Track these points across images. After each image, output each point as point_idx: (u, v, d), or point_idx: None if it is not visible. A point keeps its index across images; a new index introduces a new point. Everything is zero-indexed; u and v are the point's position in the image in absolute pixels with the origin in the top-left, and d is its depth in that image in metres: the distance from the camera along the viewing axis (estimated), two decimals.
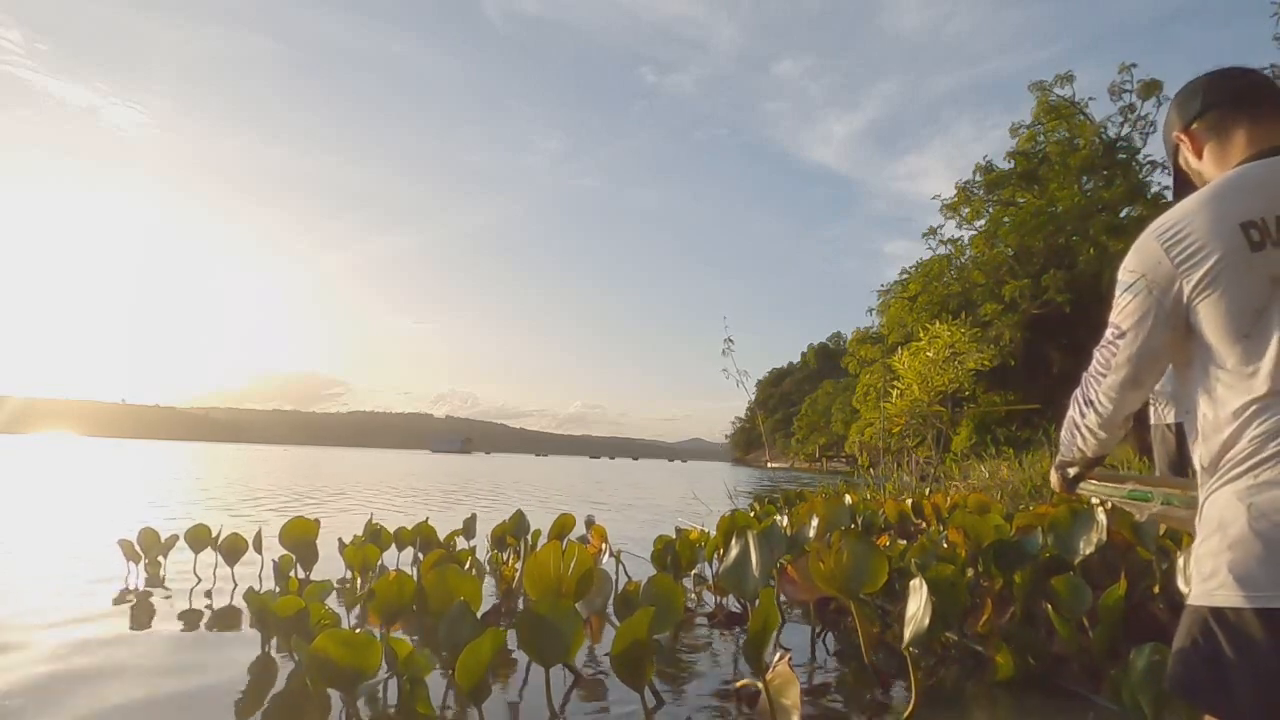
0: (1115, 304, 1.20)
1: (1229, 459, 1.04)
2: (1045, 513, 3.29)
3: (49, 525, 7.53)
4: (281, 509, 9.53)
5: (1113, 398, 1.24)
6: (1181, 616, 1.07)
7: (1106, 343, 1.22)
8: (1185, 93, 1.32)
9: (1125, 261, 1.19)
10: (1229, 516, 1.01)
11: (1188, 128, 1.28)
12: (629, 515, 10.59)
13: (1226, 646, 0.97)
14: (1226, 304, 1.06)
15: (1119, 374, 1.21)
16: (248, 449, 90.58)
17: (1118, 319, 1.19)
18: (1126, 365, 1.19)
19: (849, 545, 2.63)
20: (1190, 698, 1.05)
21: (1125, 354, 1.18)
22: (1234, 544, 0.99)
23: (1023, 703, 2.52)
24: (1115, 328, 1.20)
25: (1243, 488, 1.01)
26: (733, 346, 7.31)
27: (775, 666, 2.23)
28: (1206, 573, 1.02)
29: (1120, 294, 1.18)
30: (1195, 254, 1.08)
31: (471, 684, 2.07)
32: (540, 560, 2.72)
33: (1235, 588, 0.97)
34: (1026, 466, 6.28)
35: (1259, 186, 1.09)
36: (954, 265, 31.05)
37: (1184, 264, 1.09)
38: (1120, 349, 1.19)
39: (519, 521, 4.79)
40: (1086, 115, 28.55)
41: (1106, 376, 1.23)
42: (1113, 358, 1.21)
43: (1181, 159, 1.33)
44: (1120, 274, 1.19)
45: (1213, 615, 1.00)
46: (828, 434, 67.56)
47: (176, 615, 3.71)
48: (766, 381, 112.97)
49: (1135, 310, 1.16)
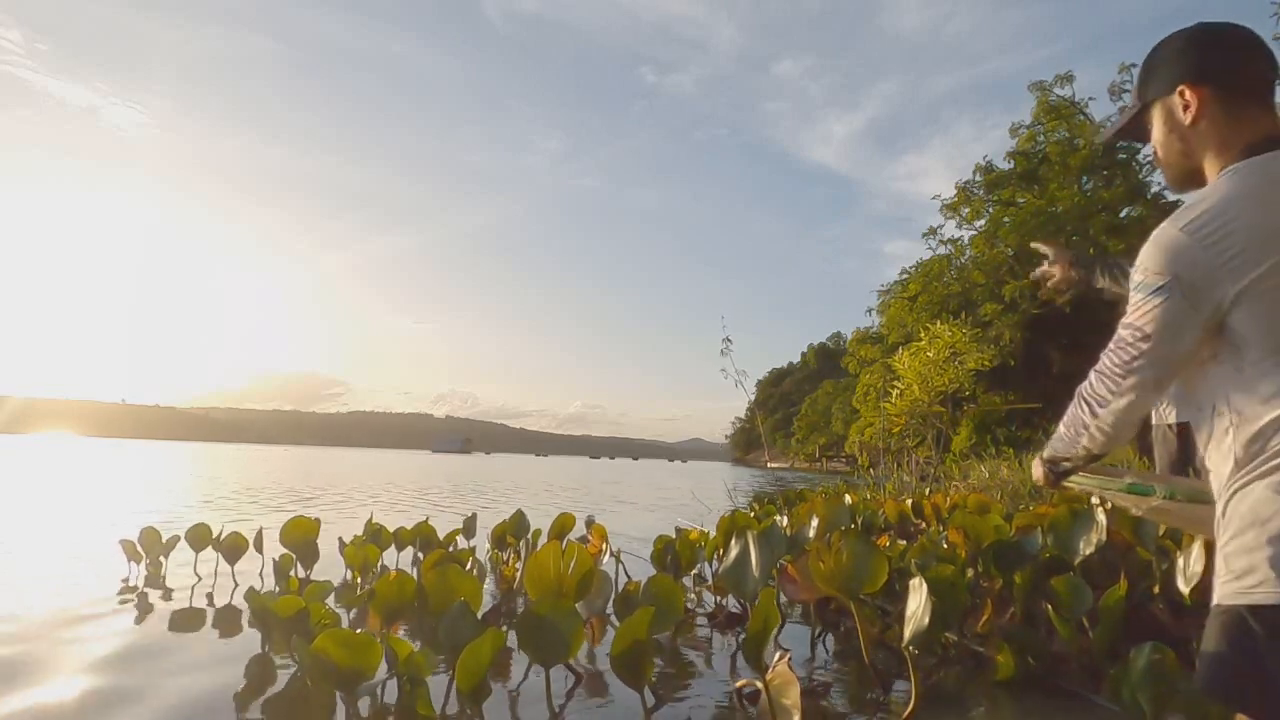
0: (1136, 305, 1.12)
1: (1266, 451, 0.99)
2: (1045, 513, 3.29)
3: (49, 525, 7.54)
4: (281, 509, 9.53)
5: (1130, 401, 1.16)
6: (1210, 617, 1.03)
7: (1125, 344, 1.14)
8: (1208, 43, 1.16)
9: (1147, 261, 1.10)
10: (1267, 512, 0.96)
11: (1199, 83, 1.14)
12: (663, 515, 10.56)
13: (1268, 646, 0.93)
14: (1274, 304, 1.00)
15: (1140, 376, 1.14)
16: (248, 449, 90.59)
17: (1140, 322, 1.11)
18: (1150, 369, 1.12)
19: (849, 545, 2.63)
20: (1230, 701, 1.00)
21: (1150, 358, 1.11)
22: (1274, 539, 0.94)
23: (1023, 703, 2.52)
24: (1136, 330, 1.12)
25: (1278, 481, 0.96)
26: (731, 346, 7.31)
27: (775, 666, 2.23)
28: (1240, 569, 0.98)
29: (1145, 296, 1.10)
30: (1241, 253, 1.01)
31: (471, 684, 2.07)
32: (540, 560, 2.72)
33: (1277, 584, 0.92)
34: (1026, 466, 6.27)
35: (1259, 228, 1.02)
36: (954, 265, 31.06)
37: (1229, 266, 1.01)
38: (1145, 352, 1.11)
39: (519, 521, 4.79)
40: (1086, 115, 28.55)
41: (1125, 379, 1.15)
42: (1134, 360, 1.13)
43: (1163, 109, 1.19)
44: (1142, 275, 1.10)
45: (1251, 614, 0.95)
46: (828, 434, 67.54)
47: (177, 615, 3.72)
48: (766, 381, 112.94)
49: (1165, 314, 1.07)
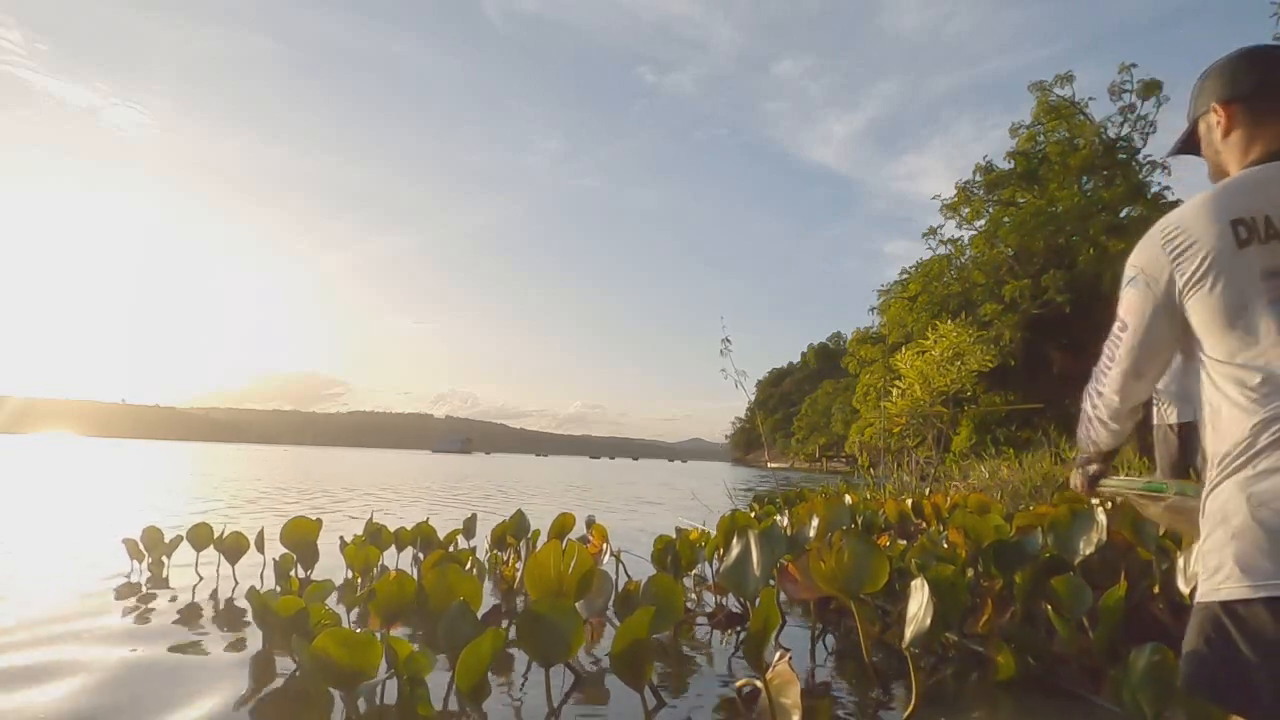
0: (1120, 299, 1.25)
1: (1230, 452, 1.05)
2: (1045, 513, 3.29)
3: (50, 525, 7.54)
4: (279, 508, 9.53)
5: (1117, 389, 1.29)
6: (1191, 615, 1.06)
7: (1113, 336, 1.26)
8: (1240, 64, 1.26)
9: (1130, 259, 1.23)
10: (1231, 508, 1.01)
11: (1229, 101, 1.24)
12: (690, 510, 10.54)
13: (1240, 641, 0.96)
14: (1214, 298, 1.09)
15: (1122, 365, 1.25)
16: (248, 449, 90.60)
17: (1121, 312, 1.24)
18: (1129, 356, 1.24)
19: (849, 545, 2.63)
20: (1209, 698, 1.03)
21: (1127, 345, 1.23)
22: (1237, 534, 0.98)
23: (1023, 703, 2.53)
24: (1120, 321, 1.24)
25: (1243, 478, 1.01)
26: (731, 346, 7.28)
27: (775, 666, 2.23)
28: (1212, 568, 1.01)
29: (1124, 289, 1.23)
30: (1187, 249, 1.11)
31: (471, 684, 2.07)
32: (540, 560, 2.72)
33: (1241, 579, 0.96)
34: (1026, 466, 6.27)
35: (1255, 186, 1.12)
36: (954, 265, 31.07)
37: (1177, 259, 1.13)
38: (1123, 341, 1.23)
39: (519, 521, 4.79)
40: (1086, 115, 28.57)
41: (1111, 369, 1.28)
42: (1117, 350, 1.25)
43: (1205, 125, 1.31)
44: (1125, 270, 1.24)
45: (1223, 610, 0.98)
46: (828, 434, 67.54)
47: (178, 614, 3.71)
48: (766, 381, 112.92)
49: (1135, 303, 1.20)
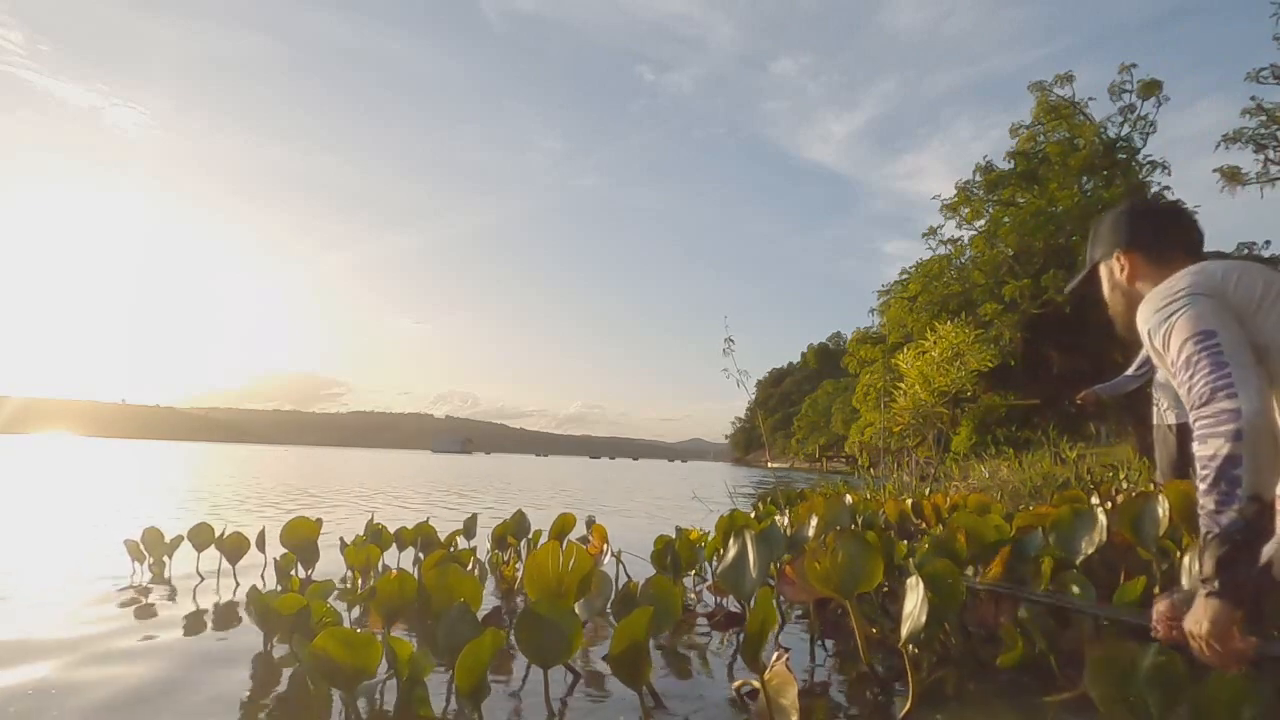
0: (1175, 326, 1.25)
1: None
2: (1045, 513, 3.28)
3: (50, 525, 7.54)
4: (280, 509, 9.54)
5: (1247, 379, 1.17)
6: None
7: (1202, 351, 1.21)
8: (1136, 218, 1.49)
9: (1171, 288, 1.29)
10: None
11: (1130, 249, 1.48)
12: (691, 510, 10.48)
13: None
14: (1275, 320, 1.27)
15: (1237, 359, 1.19)
16: (248, 449, 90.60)
17: (1195, 326, 1.23)
18: (1239, 349, 1.21)
19: (845, 545, 2.64)
20: None
21: (1228, 342, 1.20)
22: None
23: (1023, 703, 2.53)
24: (1199, 334, 1.22)
25: None
26: (733, 346, 7.27)
27: (773, 666, 2.23)
28: None
29: (1182, 309, 1.25)
30: (1250, 288, 1.27)
31: (471, 684, 2.07)
32: (540, 560, 2.72)
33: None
34: (1026, 466, 6.27)
35: (1260, 270, 1.31)
36: (954, 265, 31.06)
37: (1238, 291, 1.27)
38: (1222, 341, 1.20)
39: (520, 521, 4.79)
40: (1086, 115, 28.55)
41: (1229, 371, 1.18)
42: (1219, 355, 1.19)
43: (1107, 269, 1.52)
44: (1167, 301, 1.28)
45: None
46: (828, 434, 67.54)
47: (179, 613, 3.72)
48: (766, 381, 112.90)
49: (1208, 311, 1.24)
